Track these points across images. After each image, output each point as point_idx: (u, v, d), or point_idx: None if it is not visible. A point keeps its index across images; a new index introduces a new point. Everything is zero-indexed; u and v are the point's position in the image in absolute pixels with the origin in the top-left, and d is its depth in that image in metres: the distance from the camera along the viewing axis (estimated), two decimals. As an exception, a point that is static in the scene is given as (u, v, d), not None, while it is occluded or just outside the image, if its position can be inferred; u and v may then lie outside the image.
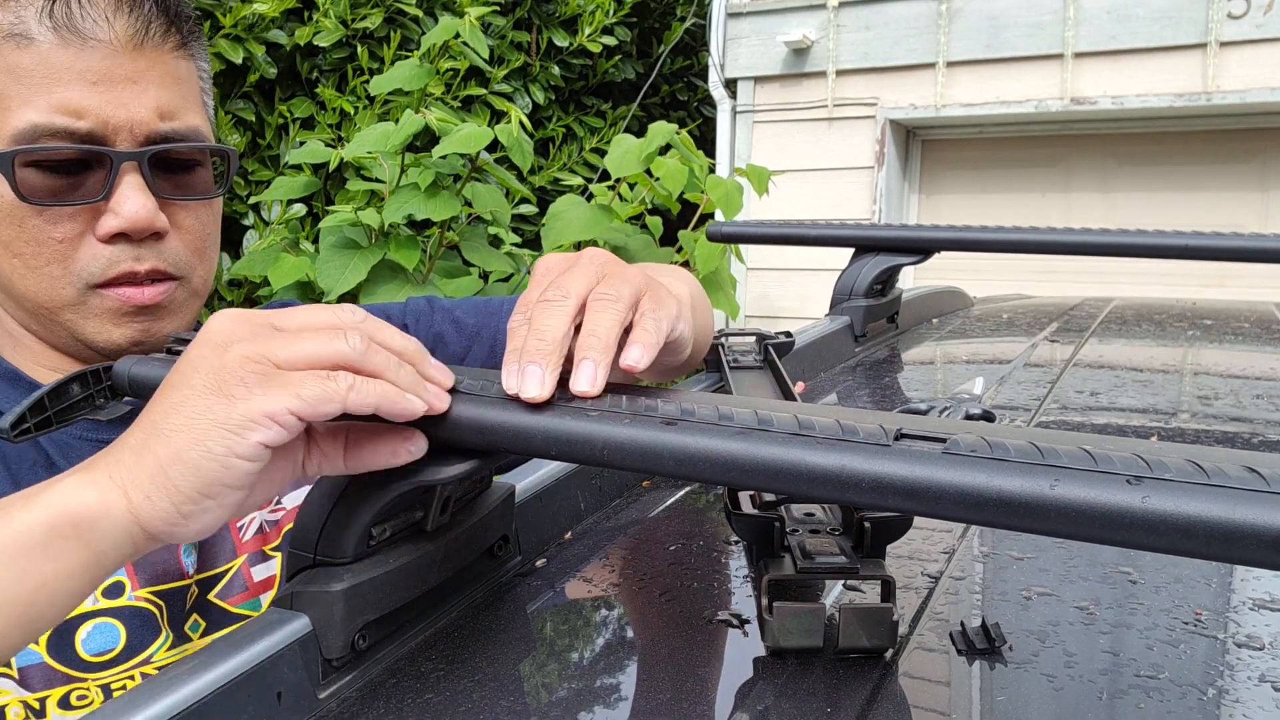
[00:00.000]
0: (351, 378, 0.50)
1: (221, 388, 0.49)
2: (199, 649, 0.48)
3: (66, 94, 0.75)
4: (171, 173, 0.81)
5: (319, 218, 3.11)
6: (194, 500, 0.50)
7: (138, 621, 0.77)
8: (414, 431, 0.52)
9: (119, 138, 0.77)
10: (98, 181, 0.77)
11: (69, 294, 0.79)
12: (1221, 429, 0.95)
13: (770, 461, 0.44)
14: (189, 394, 0.50)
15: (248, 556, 0.85)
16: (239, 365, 0.49)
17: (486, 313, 1.05)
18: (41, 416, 0.59)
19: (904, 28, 4.19)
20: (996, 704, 0.48)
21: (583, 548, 0.69)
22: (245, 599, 0.83)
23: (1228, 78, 3.72)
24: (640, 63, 4.65)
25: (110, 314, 0.80)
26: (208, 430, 0.49)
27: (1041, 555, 0.64)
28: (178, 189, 0.82)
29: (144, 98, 0.78)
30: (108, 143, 0.77)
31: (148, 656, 0.76)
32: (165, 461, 0.50)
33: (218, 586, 0.82)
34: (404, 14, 3.52)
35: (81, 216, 0.78)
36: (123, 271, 0.79)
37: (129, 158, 0.77)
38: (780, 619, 0.51)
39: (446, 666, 0.53)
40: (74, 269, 0.78)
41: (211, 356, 0.51)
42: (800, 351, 1.14)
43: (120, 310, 0.80)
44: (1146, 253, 1.23)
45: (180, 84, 0.82)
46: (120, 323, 0.80)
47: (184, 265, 0.83)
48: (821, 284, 1.65)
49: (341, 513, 0.53)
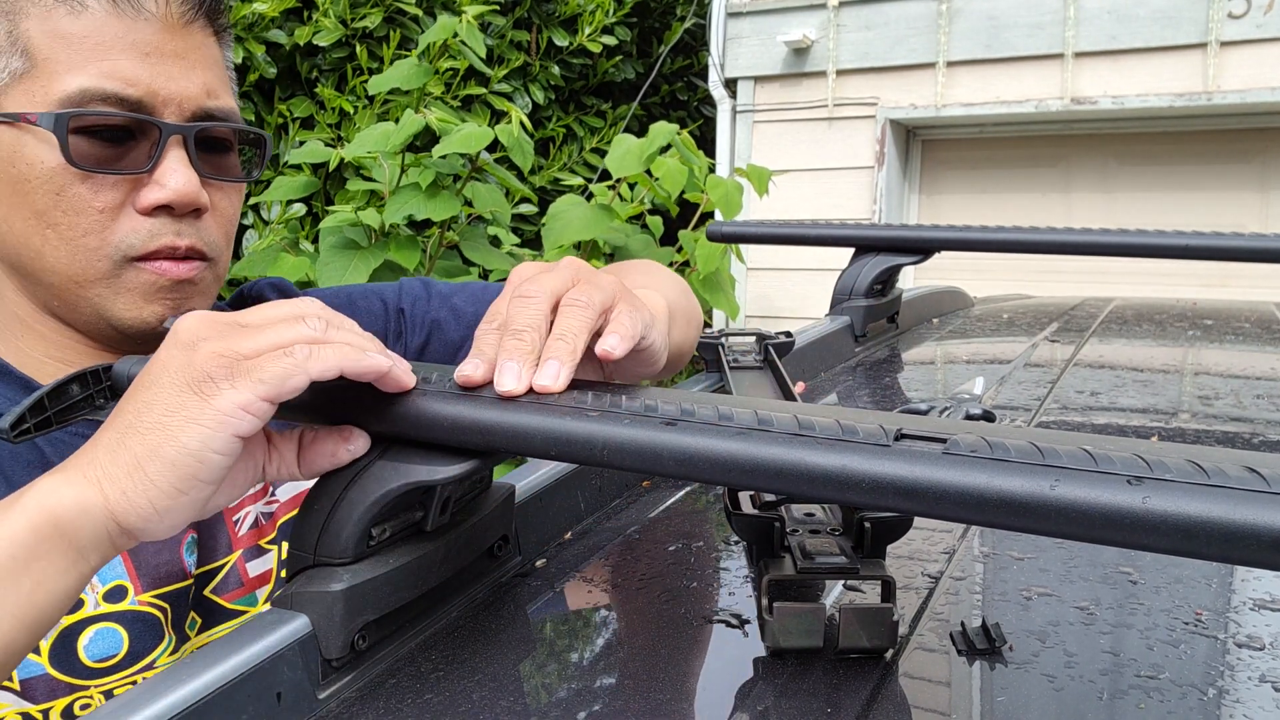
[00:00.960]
0: (309, 347, 0.51)
1: (193, 384, 0.51)
2: (198, 649, 0.48)
3: (118, 63, 0.74)
4: (211, 152, 0.81)
5: (319, 217, 3.11)
6: (170, 495, 0.51)
7: (140, 626, 0.76)
8: (352, 431, 0.54)
9: (167, 110, 0.77)
10: (144, 152, 0.77)
11: (103, 267, 0.77)
12: (1222, 429, 0.95)
13: (770, 461, 0.44)
14: (161, 392, 0.51)
15: (243, 552, 0.84)
16: (208, 361, 0.51)
17: (483, 300, 1.04)
18: (41, 417, 0.59)
19: (904, 28, 4.19)
20: (997, 704, 0.48)
21: (583, 548, 0.69)
22: (241, 594, 0.83)
23: (1228, 78, 3.72)
24: (640, 62, 4.65)
25: (144, 288, 0.79)
26: (182, 426, 0.50)
27: (1041, 555, 0.64)
28: (216, 169, 0.82)
29: (192, 74, 0.78)
30: (156, 114, 0.76)
31: (151, 662, 0.76)
32: (142, 458, 0.51)
33: (214, 582, 0.82)
34: (403, 13, 3.52)
35: (123, 187, 0.77)
36: (164, 245, 0.78)
37: (177, 130, 0.77)
38: (780, 619, 0.51)
39: (446, 666, 0.53)
40: (112, 240, 0.77)
41: (181, 355, 0.52)
42: (800, 351, 1.14)
43: (155, 285, 0.79)
44: (1146, 253, 1.23)
45: (219, 67, 0.82)
46: (153, 298, 0.79)
47: (215, 247, 0.82)
48: (821, 284, 1.65)
49: (341, 513, 0.53)
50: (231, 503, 0.59)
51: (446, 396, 0.53)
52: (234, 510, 0.85)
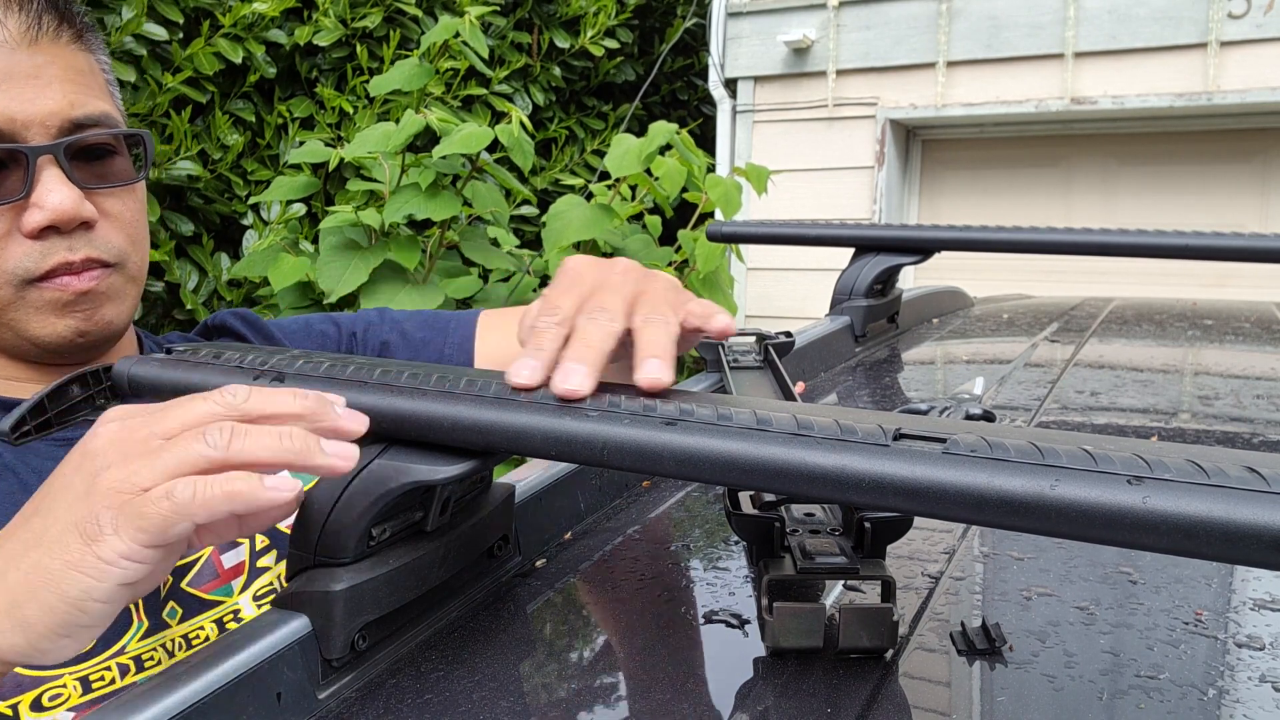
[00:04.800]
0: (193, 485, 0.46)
1: (80, 526, 0.47)
2: (199, 649, 0.48)
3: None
4: (90, 162, 0.81)
5: (318, 217, 3.11)
6: (50, 639, 0.48)
7: None
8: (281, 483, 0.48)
9: (30, 132, 0.77)
10: (17, 180, 0.77)
11: (5, 294, 0.79)
12: (1221, 429, 0.95)
13: (770, 461, 0.44)
14: (50, 525, 0.48)
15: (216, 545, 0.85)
16: (103, 499, 0.47)
17: (434, 328, 1.07)
18: (42, 419, 0.59)
19: (904, 27, 4.19)
20: (996, 704, 0.48)
21: (583, 548, 0.69)
22: (217, 585, 0.84)
23: (1228, 78, 3.72)
24: (640, 62, 4.65)
25: (51, 306, 0.80)
26: (64, 572, 0.47)
27: (1041, 555, 0.64)
28: (99, 178, 0.82)
29: (49, 90, 0.78)
30: (19, 139, 0.76)
31: (122, 646, 0.76)
32: (20, 599, 0.48)
33: (189, 575, 0.83)
34: (403, 13, 3.52)
35: (6, 216, 0.77)
36: (58, 263, 0.78)
37: (44, 151, 0.77)
38: (780, 619, 0.51)
39: (446, 666, 0.53)
40: (7, 267, 0.78)
41: (80, 484, 0.48)
42: (800, 351, 1.14)
43: (60, 300, 0.79)
44: (1146, 253, 1.23)
45: (83, 75, 0.82)
46: (63, 313, 0.80)
47: (117, 252, 0.82)
48: (821, 284, 1.65)
49: (341, 513, 0.53)
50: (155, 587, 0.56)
51: (446, 396, 0.53)
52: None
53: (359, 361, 0.59)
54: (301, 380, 0.57)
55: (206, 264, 3.08)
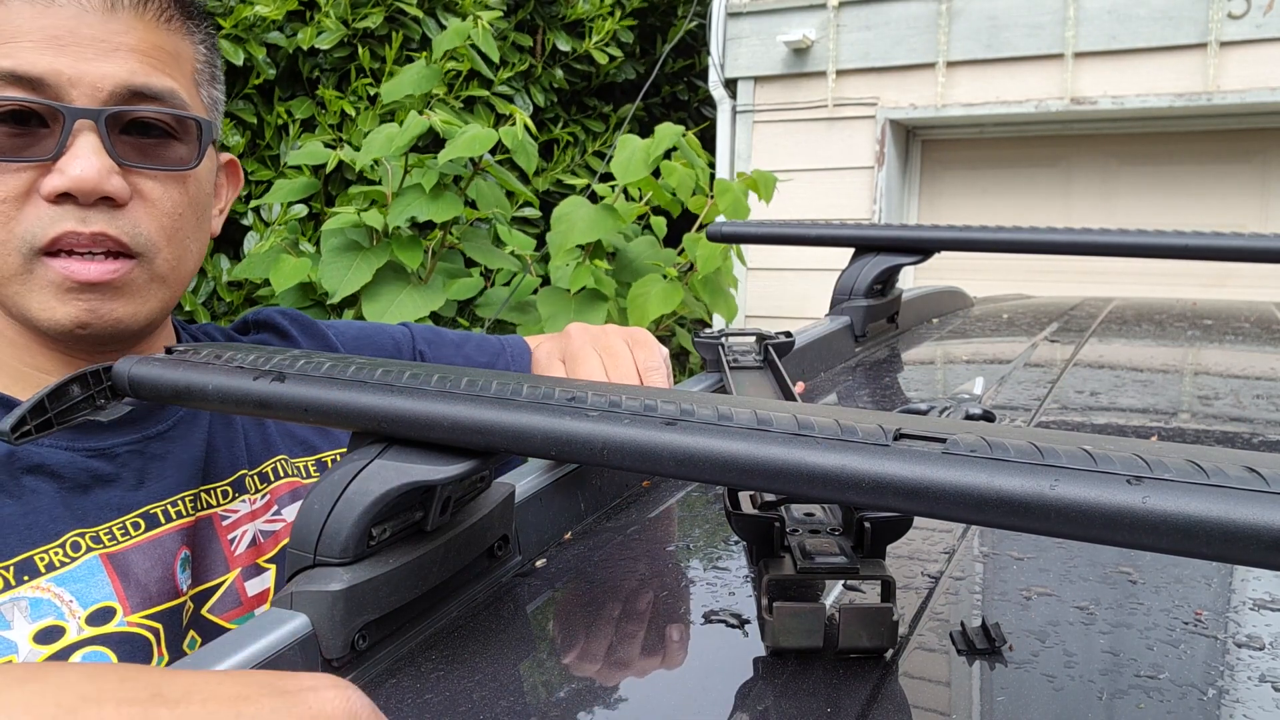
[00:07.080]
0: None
1: None
2: (199, 649, 0.48)
3: (24, 47, 0.71)
4: (140, 138, 0.77)
5: (319, 218, 3.11)
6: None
7: (129, 648, 0.73)
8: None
9: (76, 92, 0.73)
10: (51, 140, 0.73)
11: (14, 261, 0.74)
12: (1221, 429, 0.95)
13: (770, 461, 0.44)
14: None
15: (241, 570, 0.83)
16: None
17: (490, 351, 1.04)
18: (42, 418, 0.59)
19: (904, 28, 4.19)
20: (996, 704, 0.48)
21: (583, 548, 0.69)
22: (239, 614, 0.82)
23: (1228, 78, 3.72)
24: (641, 63, 4.66)
25: (53, 288, 0.74)
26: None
27: (1041, 555, 0.64)
28: (145, 157, 0.77)
29: (113, 56, 0.74)
30: (62, 98, 0.73)
31: None
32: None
33: (211, 601, 0.80)
34: (405, 14, 3.52)
35: (27, 175, 0.73)
36: (64, 231, 0.73)
37: (84, 114, 0.73)
38: (780, 619, 0.51)
39: (446, 666, 0.53)
40: (18, 231, 0.73)
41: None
42: (800, 351, 1.14)
43: (63, 285, 0.74)
44: (1146, 253, 1.23)
45: (161, 52, 0.77)
46: (64, 299, 0.74)
47: (145, 242, 0.77)
48: (821, 284, 1.65)
49: (341, 512, 0.53)
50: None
51: (446, 396, 0.53)
52: (230, 527, 0.83)
53: (360, 362, 0.59)
54: (303, 380, 0.57)
55: (207, 265, 3.08)
